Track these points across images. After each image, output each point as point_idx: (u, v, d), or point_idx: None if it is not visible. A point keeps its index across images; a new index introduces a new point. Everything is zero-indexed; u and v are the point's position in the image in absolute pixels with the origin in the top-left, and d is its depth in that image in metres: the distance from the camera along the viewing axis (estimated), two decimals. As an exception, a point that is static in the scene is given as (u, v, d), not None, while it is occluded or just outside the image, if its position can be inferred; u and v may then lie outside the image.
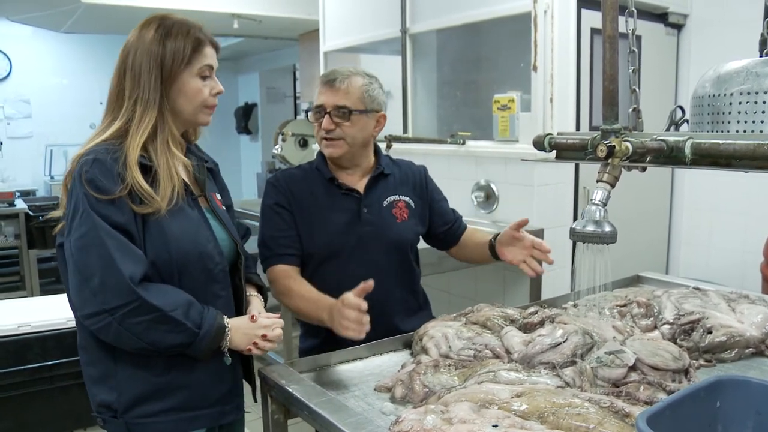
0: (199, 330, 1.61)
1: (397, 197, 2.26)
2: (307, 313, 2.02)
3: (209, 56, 1.73)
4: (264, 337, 1.73)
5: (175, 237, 1.63)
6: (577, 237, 1.40)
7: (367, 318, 1.78)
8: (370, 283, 1.79)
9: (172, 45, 1.66)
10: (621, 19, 1.51)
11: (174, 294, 1.60)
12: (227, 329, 1.67)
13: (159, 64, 1.65)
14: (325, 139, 2.13)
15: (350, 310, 1.78)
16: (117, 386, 1.66)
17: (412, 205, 2.30)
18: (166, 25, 1.68)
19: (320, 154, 2.24)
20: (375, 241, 2.19)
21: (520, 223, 2.18)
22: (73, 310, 1.70)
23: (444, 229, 2.41)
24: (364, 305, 1.78)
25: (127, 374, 1.66)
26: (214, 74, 1.76)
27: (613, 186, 1.39)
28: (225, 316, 1.69)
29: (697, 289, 2.31)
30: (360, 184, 2.22)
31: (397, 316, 2.24)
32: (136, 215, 1.59)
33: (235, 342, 1.69)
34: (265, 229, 2.19)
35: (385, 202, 2.24)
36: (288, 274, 2.12)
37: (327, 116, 2.10)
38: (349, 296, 1.79)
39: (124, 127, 1.65)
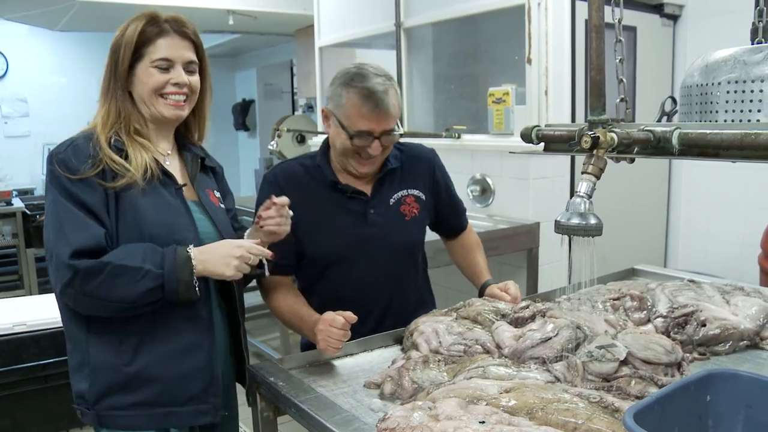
0: (163, 269, 1.57)
1: (405, 192, 2.18)
2: (290, 323, 2.04)
3: (167, 47, 1.69)
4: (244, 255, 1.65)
5: (149, 221, 1.63)
6: (561, 230, 1.38)
7: (348, 335, 1.83)
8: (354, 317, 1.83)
9: (127, 35, 1.68)
10: (609, 11, 1.49)
11: (130, 247, 1.59)
12: (191, 256, 1.61)
13: (115, 53, 1.69)
14: (367, 159, 2.04)
15: (338, 330, 1.80)
16: (89, 375, 1.66)
17: (423, 197, 2.22)
18: (134, 18, 1.70)
19: (323, 154, 2.15)
20: (381, 243, 2.12)
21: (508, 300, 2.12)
22: None
23: (444, 222, 2.36)
24: (353, 319, 1.82)
25: (99, 362, 1.65)
26: (181, 66, 1.72)
27: (598, 177, 1.37)
28: (189, 246, 1.64)
29: (692, 281, 2.29)
30: (367, 186, 2.14)
31: (410, 315, 2.19)
32: (108, 196, 1.60)
33: (212, 267, 1.63)
34: None
35: (391, 200, 2.16)
36: (279, 283, 2.10)
37: (376, 141, 2.00)
38: (337, 317, 1.81)
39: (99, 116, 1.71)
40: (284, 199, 1.79)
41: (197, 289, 1.62)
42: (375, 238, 2.11)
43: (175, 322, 1.68)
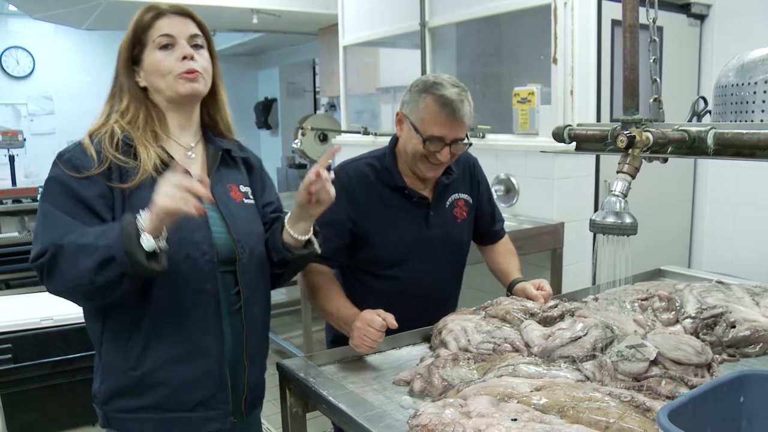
0: (110, 240, 1.43)
1: (457, 196, 2.28)
2: (329, 316, 2.07)
3: (166, 26, 1.66)
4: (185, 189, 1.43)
5: None
6: (597, 228, 1.38)
7: (383, 336, 1.84)
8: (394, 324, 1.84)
9: (130, 32, 1.67)
10: (642, 11, 1.48)
11: (85, 229, 1.51)
12: (136, 216, 1.45)
13: (118, 53, 1.68)
14: (435, 164, 2.08)
15: (376, 331, 1.81)
16: (101, 374, 1.67)
17: (470, 201, 2.32)
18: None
19: (392, 156, 2.19)
20: (440, 244, 2.22)
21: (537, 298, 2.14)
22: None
23: (482, 226, 2.42)
24: (393, 325, 1.83)
25: (109, 363, 1.65)
26: (185, 41, 1.67)
27: (633, 177, 1.37)
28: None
29: (720, 282, 2.28)
30: (427, 191, 2.22)
31: (450, 305, 2.33)
32: (114, 193, 1.57)
33: (155, 212, 1.43)
34: (318, 224, 2.10)
35: (447, 202, 2.26)
36: (320, 270, 2.12)
37: (446, 148, 2.04)
38: (376, 319, 1.82)
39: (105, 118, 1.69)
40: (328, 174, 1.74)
41: (143, 236, 1.45)
42: (436, 239, 2.21)
43: (183, 325, 1.63)
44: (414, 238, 2.18)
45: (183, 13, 1.69)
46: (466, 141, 2.07)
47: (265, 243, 1.82)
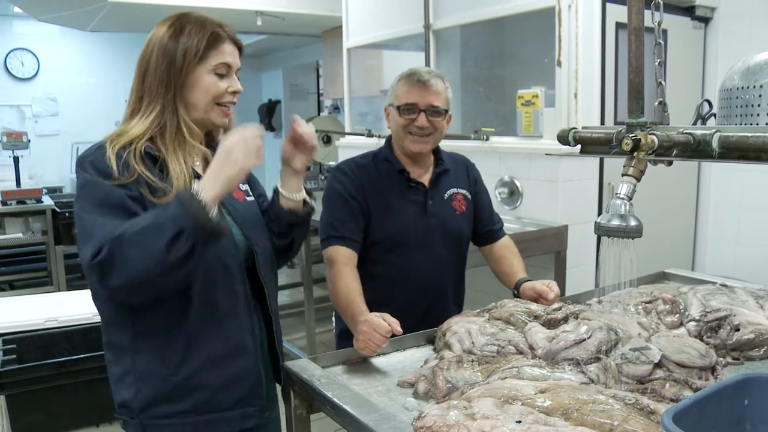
0: (172, 214, 1.43)
1: (455, 190, 2.38)
2: (340, 306, 2.09)
3: (227, 54, 1.68)
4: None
5: None
6: (602, 231, 1.38)
7: (387, 342, 1.84)
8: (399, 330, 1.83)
9: (185, 40, 1.63)
10: (647, 14, 1.49)
11: (135, 219, 1.50)
12: (192, 188, 1.48)
13: (170, 59, 1.62)
14: (418, 135, 2.21)
15: (381, 337, 1.81)
16: (135, 383, 1.62)
17: (469, 197, 2.41)
18: (182, 21, 1.66)
19: (388, 147, 2.34)
20: (438, 233, 2.30)
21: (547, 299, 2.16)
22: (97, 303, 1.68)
23: (480, 225, 2.47)
24: (398, 332, 1.83)
25: (144, 371, 1.62)
26: (234, 74, 1.70)
27: (638, 180, 1.38)
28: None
29: (724, 285, 2.28)
30: (425, 178, 2.33)
31: (452, 306, 2.38)
32: (144, 200, 1.55)
33: (218, 179, 1.49)
34: (332, 211, 2.24)
35: (446, 195, 2.35)
36: (347, 260, 2.17)
37: (422, 114, 2.18)
38: (383, 324, 1.82)
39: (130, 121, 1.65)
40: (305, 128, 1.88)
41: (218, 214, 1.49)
42: (434, 226, 2.29)
43: (220, 327, 1.65)
44: (412, 223, 2.26)
45: (237, 44, 1.74)
46: (441, 108, 2.20)
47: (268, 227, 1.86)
